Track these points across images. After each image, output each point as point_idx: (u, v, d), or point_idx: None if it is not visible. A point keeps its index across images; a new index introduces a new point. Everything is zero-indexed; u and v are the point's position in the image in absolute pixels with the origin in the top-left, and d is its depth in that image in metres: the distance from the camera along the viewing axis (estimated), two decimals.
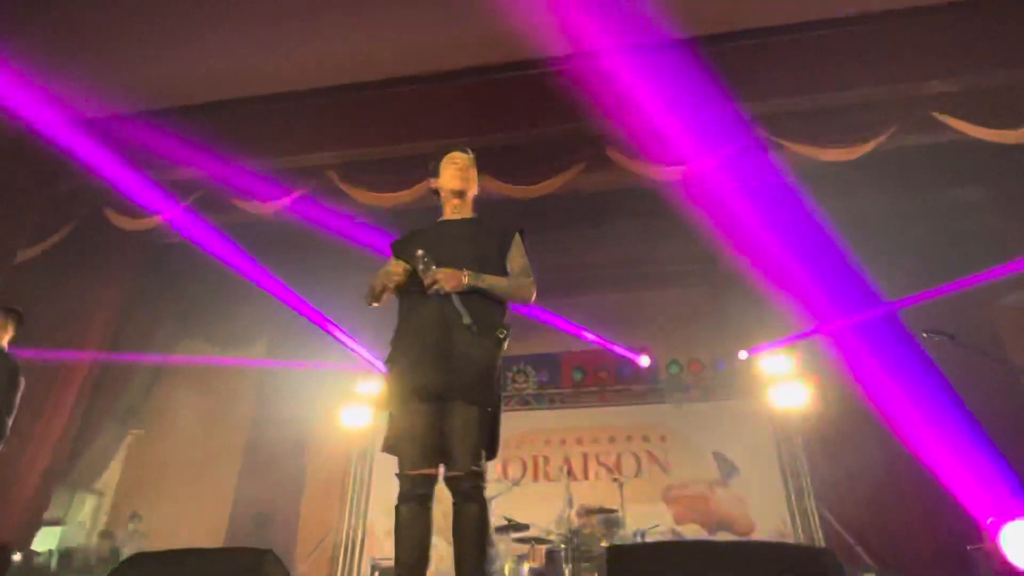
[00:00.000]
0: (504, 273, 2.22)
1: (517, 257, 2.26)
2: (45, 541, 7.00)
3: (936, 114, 4.89)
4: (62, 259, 6.19)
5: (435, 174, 2.41)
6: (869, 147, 4.98)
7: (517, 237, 2.29)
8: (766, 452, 6.67)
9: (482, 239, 2.25)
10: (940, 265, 5.95)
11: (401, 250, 2.28)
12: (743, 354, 6.94)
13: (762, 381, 6.75)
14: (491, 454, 2.03)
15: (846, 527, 6.06)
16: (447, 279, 1.99)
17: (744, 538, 6.25)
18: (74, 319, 6.35)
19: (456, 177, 2.34)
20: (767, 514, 6.37)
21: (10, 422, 2.99)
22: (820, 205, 5.33)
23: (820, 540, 6.02)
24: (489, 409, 1.98)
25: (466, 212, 2.38)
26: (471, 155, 2.42)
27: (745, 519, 6.42)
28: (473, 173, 2.39)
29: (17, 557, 2.94)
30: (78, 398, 6.51)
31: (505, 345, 2.12)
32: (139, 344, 7.44)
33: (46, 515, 6.70)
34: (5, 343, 3.20)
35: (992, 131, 4.71)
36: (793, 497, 6.37)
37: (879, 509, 6.06)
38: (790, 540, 6.14)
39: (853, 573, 5.31)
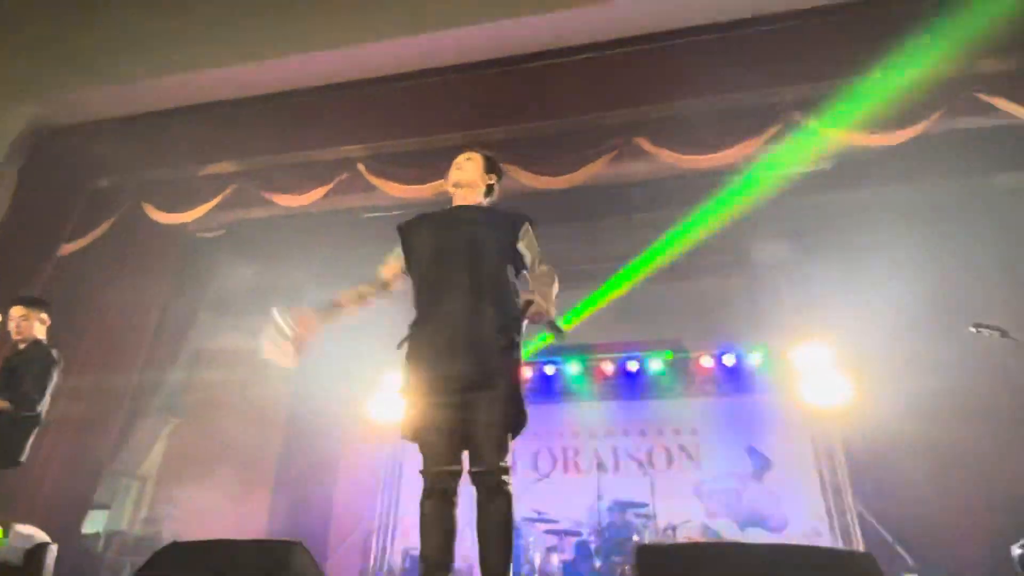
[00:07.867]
0: (514, 256, 2.22)
1: (533, 247, 2.27)
2: (92, 524, 7.30)
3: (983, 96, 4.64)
4: (105, 252, 6.38)
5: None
6: (913, 132, 4.76)
7: (528, 226, 2.28)
8: (801, 447, 6.50)
9: (495, 222, 2.27)
10: (991, 256, 5.69)
11: (409, 232, 2.31)
12: (774, 347, 6.78)
13: (798, 374, 6.57)
14: (515, 433, 2.02)
15: (885, 526, 5.87)
16: (545, 302, 2.05)
17: (777, 534, 6.13)
18: (117, 311, 6.52)
19: (451, 174, 2.40)
20: (802, 510, 6.21)
21: (42, 408, 3.08)
22: (860, 191, 5.12)
23: (857, 538, 5.85)
24: (511, 400, 1.96)
25: (473, 200, 2.40)
26: (475, 156, 2.46)
27: (779, 515, 6.28)
28: (472, 167, 2.40)
29: (55, 549, 3.03)
30: (123, 387, 6.73)
31: (524, 326, 2.14)
32: (178, 335, 7.63)
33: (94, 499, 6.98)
34: (41, 334, 3.30)
35: None
36: (830, 493, 6.20)
37: (922, 508, 5.85)
38: (825, 538, 5.99)
39: (894, 574, 5.15)
